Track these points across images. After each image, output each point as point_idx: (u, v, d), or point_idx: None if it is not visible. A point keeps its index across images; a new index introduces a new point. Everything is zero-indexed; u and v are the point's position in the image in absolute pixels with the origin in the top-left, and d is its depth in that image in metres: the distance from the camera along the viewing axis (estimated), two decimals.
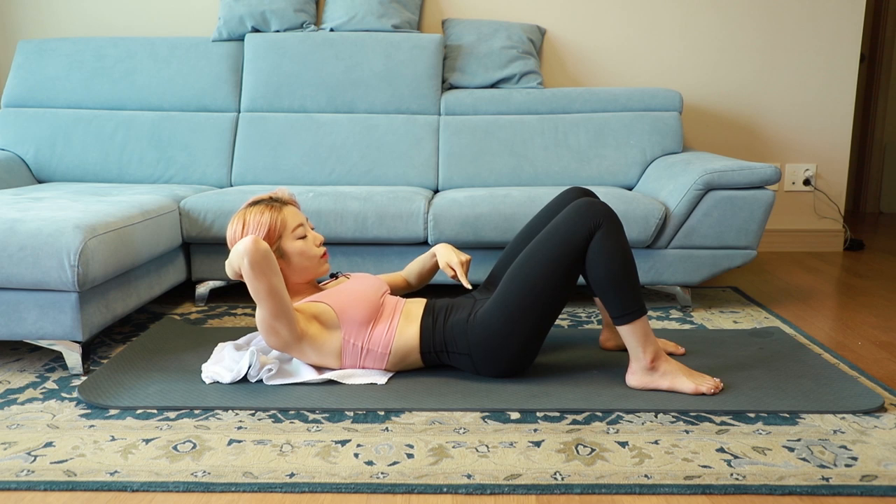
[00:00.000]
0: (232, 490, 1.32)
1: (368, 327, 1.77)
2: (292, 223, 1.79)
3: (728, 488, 1.31)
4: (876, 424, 1.57)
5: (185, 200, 2.43)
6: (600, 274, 1.68)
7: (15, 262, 1.76)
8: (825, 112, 3.38)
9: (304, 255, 1.79)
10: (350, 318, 1.75)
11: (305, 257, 1.79)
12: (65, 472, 1.37)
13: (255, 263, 1.59)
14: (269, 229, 1.76)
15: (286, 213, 1.80)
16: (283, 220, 1.78)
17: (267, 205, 1.80)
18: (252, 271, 1.59)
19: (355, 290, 1.80)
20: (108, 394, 1.71)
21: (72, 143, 2.92)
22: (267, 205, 1.80)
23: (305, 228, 1.81)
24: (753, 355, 1.97)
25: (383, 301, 1.83)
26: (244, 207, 1.81)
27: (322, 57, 2.99)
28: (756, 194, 2.36)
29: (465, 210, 2.37)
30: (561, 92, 3.02)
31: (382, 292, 1.85)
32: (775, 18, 3.29)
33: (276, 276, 1.63)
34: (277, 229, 1.77)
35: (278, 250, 1.77)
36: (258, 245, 1.59)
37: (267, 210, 1.78)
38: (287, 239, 1.78)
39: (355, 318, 1.75)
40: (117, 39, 3.04)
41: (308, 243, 1.80)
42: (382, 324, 1.78)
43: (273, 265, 1.62)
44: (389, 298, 1.86)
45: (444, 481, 1.34)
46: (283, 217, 1.78)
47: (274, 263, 1.63)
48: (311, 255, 1.80)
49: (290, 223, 1.78)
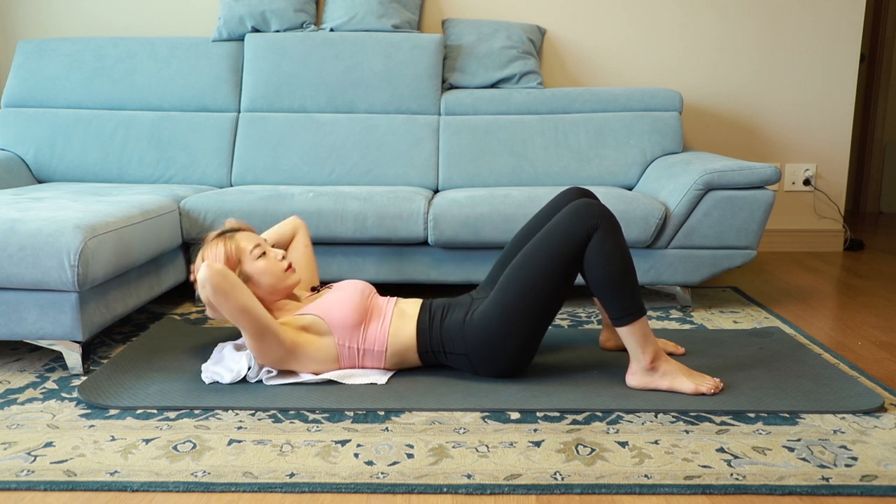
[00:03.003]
0: (232, 490, 1.32)
1: (361, 329, 1.77)
2: (247, 246, 1.81)
3: (728, 488, 1.31)
4: (876, 424, 1.57)
5: (185, 200, 2.43)
6: (598, 276, 1.68)
7: (15, 262, 1.76)
8: (825, 112, 3.38)
9: (268, 273, 1.80)
10: (339, 322, 1.76)
11: (270, 274, 1.80)
12: (65, 472, 1.37)
13: (216, 286, 1.61)
14: (227, 258, 1.78)
15: (239, 238, 1.82)
16: (238, 246, 1.80)
17: (219, 237, 1.82)
18: (217, 295, 1.61)
19: (340, 297, 1.81)
20: (108, 394, 1.71)
21: (72, 143, 2.92)
22: (219, 237, 1.82)
23: (263, 247, 1.83)
24: (753, 355, 1.97)
25: (371, 301, 1.84)
26: (201, 248, 1.84)
27: (322, 57, 2.99)
28: (756, 194, 2.36)
29: (465, 210, 2.37)
30: (561, 92, 3.02)
31: (369, 293, 1.86)
32: (775, 18, 3.29)
33: (244, 294, 1.65)
34: (234, 256, 1.79)
35: (242, 275, 1.79)
36: (213, 268, 1.61)
37: (220, 242, 1.80)
38: (247, 262, 1.79)
39: (345, 322, 1.76)
40: (117, 39, 3.05)
41: (269, 260, 1.82)
42: (375, 323, 1.79)
43: (235, 283, 1.64)
44: (378, 298, 1.88)
45: (444, 481, 1.34)
46: (237, 243, 1.80)
47: (236, 281, 1.65)
48: (275, 270, 1.81)
49: (245, 247, 1.80)
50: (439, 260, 2.47)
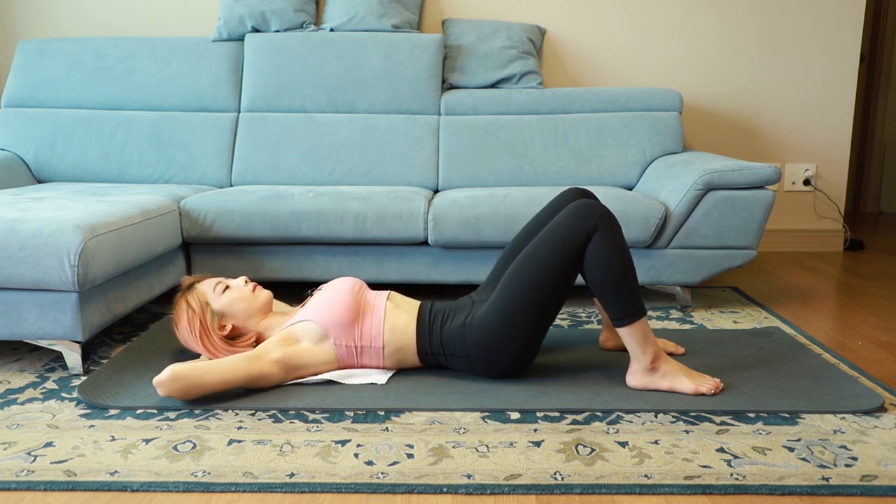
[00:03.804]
0: (232, 490, 1.32)
1: (356, 326, 1.77)
2: (208, 289, 1.82)
3: (728, 488, 1.31)
4: (876, 424, 1.57)
5: (185, 200, 2.43)
6: (598, 276, 1.68)
7: (15, 262, 1.76)
8: (825, 112, 3.38)
9: (238, 300, 1.82)
10: (334, 322, 1.75)
11: (239, 300, 1.82)
12: (65, 472, 1.37)
13: (177, 392, 1.63)
14: (199, 309, 1.79)
15: (198, 287, 1.84)
16: (199, 292, 1.82)
17: (181, 298, 1.83)
18: (187, 395, 1.64)
19: (331, 297, 1.80)
20: (108, 394, 1.71)
21: (72, 143, 2.92)
22: (181, 298, 1.83)
23: (223, 282, 1.84)
24: (753, 355, 1.97)
25: (363, 297, 1.83)
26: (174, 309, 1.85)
27: (322, 57, 2.99)
28: (756, 194, 2.36)
29: (465, 210, 2.37)
30: (561, 92, 3.02)
31: (359, 289, 1.85)
32: (775, 18, 3.29)
33: (207, 374, 1.64)
34: (201, 305, 1.79)
35: (216, 315, 1.80)
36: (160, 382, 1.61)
37: (182, 299, 1.82)
38: (214, 301, 1.81)
39: (339, 320, 1.75)
40: (117, 39, 3.05)
41: (233, 289, 1.83)
42: (368, 318, 1.79)
43: (190, 375, 1.63)
44: (369, 293, 1.87)
45: (444, 481, 1.34)
46: (197, 291, 1.82)
47: (190, 373, 1.63)
48: (243, 296, 1.83)
49: (205, 290, 1.82)
50: (439, 260, 2.47)
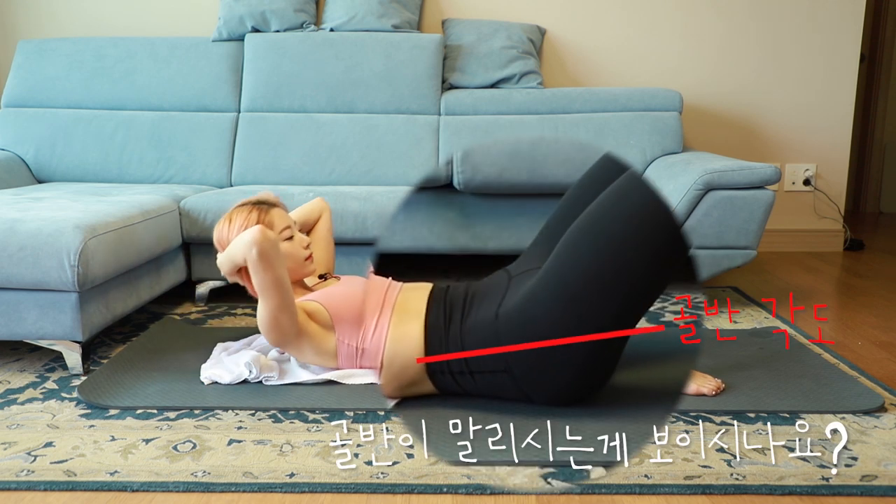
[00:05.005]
0: (232, 490, 1.32)
1: (362, 327, 1.74)
2: (280, 225, 1.77)
3: (728, 488, 1.31)
4: (876, 424, 1.57)
5: (185, 200, 2.43)
6: None
7: (15, 262, 1.76)
8: (825, 112, 3.38)
9: (290, 257, 1.77)
10: (342, 317, 1.71)
11: (291, 259, 1.77)
12: (65, 472, 1.37)
13: (263, 253, 1.54)
14: None
15: (273, 214, 1.78)
16: (271, 222, 1.76)
17: (254, 206, 1.78)
18: (261, 262, 1.55)
19: (346, 291, 1.76)
20: (108, 394, 1.71)
21: (72, 143, 2.92)
22: (254, 206, 1.78)
23: (292, 230, 1.80)
24: (753, 355, 1.97)
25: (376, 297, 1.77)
26: (231, 209, 1.80)
27: (322, 57, 2.99)
28: (756, 194, 2.36)
29: None
30: (561, 92, 3.02)
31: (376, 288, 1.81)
32: (775, 18, 3.29)
33: (283, 267, 1.60)
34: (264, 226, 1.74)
35: None
36: (265, 234, 1.56)
37: (255, 210, 1.76)
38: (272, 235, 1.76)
39: (347, 317, 1.71)
40: (117, 39, 3.05)
41: (295, 245, 1.79)
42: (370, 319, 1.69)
43: (280, 255, 1.59)
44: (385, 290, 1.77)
45: (444, 481, 1.34)
46: (271, 219, 1.76)
47: (280, 254, 1.60)
48: (298, 257, 1.79)
49: (277, 225, 1.77)
50: None
